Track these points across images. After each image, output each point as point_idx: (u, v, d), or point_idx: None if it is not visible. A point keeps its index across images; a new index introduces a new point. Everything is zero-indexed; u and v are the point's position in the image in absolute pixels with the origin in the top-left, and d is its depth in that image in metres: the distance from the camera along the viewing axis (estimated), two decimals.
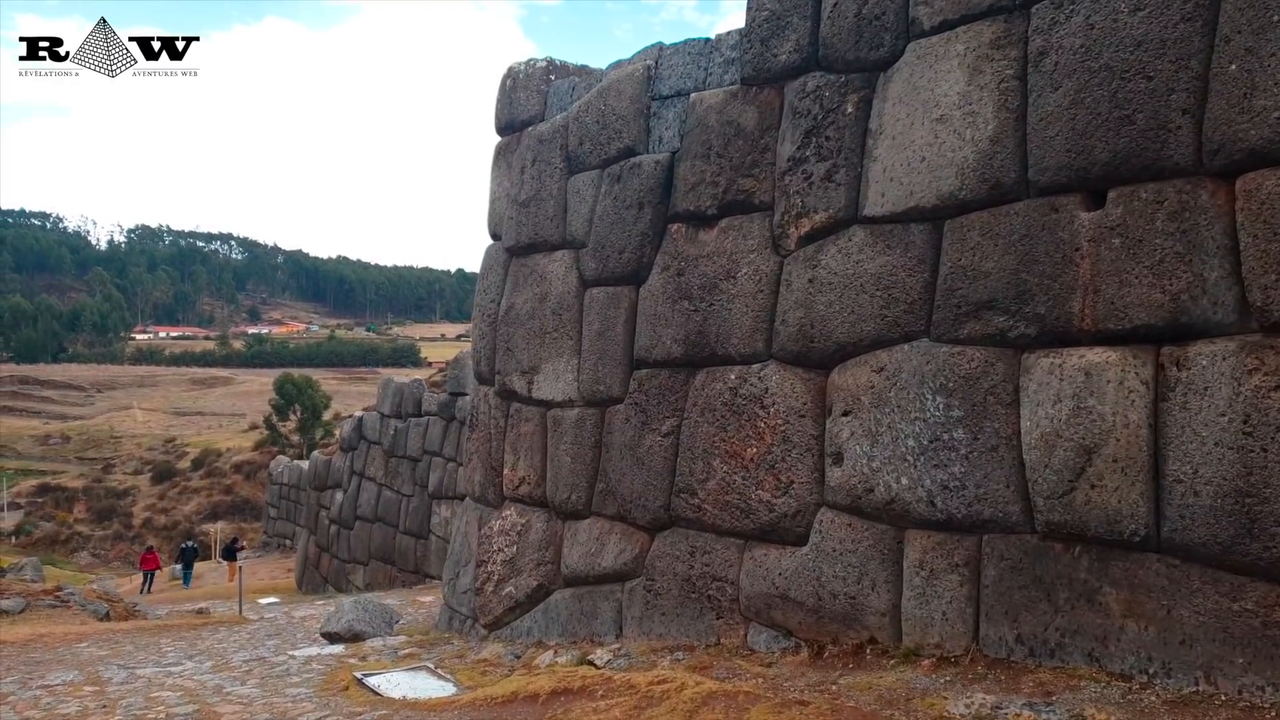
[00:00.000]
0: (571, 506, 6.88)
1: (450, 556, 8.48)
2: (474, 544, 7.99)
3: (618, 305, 6.65)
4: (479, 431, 8.12)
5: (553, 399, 7.15)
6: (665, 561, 6.04)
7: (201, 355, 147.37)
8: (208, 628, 10.73)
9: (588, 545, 6.67)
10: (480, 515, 8.01)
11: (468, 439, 8.41)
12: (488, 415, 7.96)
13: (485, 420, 8.00)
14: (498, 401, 7.85)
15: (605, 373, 6.66)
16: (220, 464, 79.11)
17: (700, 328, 5.98)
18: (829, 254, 5.32)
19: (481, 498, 8.02)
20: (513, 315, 7.62)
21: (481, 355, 8.12)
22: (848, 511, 5.07)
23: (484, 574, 7.66)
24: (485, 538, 7.75)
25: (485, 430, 7.99)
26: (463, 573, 8.10)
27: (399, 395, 23.22)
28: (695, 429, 5.93)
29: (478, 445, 8.12)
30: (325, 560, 25.05)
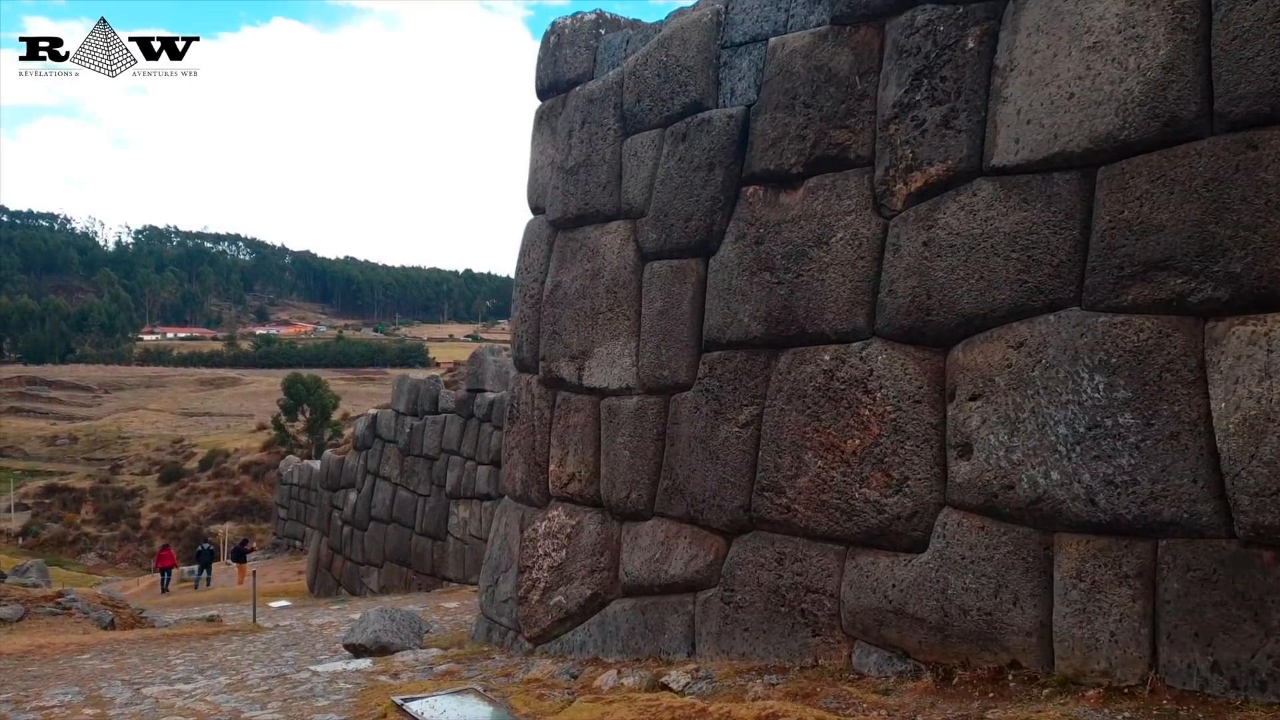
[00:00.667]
0: (631, 506, 6.12)
1: (487, 561, 7.72)
2: (515, 547, 7.24)
3: (683, 280, 5.89)
4: (520, 424, 7.37)
5: (607, 386, 6.40)
6: (747, 570, 5.27)
7: (209, 356, 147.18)
8: (219, 637, 10.00)
9: (651, 550, 5.91)
10: (522, 516, 7.26)
11: (506, 432, 7.66)
12: (530, 406, 7.21)
13: (527, 411, 7.25)
14: (542, 391, 7.09)
15: (669, 356, 5.91)
16: (228, 465, 78.71)
17: (785, 302, 5.22)
18: (948, 212, 4.55)
19: (523, 497, 7.27)
20: (559, 295, 6.87)
21: (523, 340, 7.36)
22: (980, 512, 4.31)
23: (528, 581, 6.90)
24: (529, 541, 6.99)
25: (527, 422, 7.23)
26: (502, 579, 7.34)
27: (414, 392, 22.49)
28: (781, 418, 5.17)
29: (518, 439, 7.36)
30: (338, 562, 24.33)
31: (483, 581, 7.74)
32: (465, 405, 20.80)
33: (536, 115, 7.52)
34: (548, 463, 6.98)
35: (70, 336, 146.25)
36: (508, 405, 7.65)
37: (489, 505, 19.87)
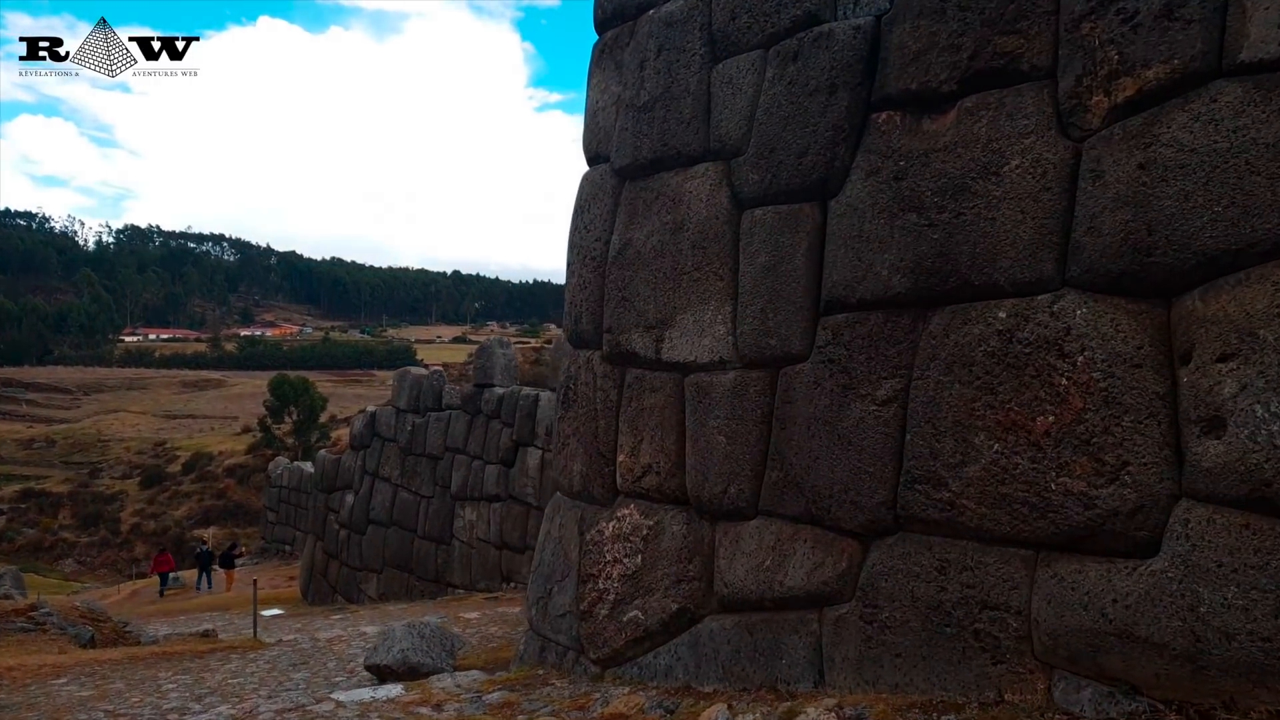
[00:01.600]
0: (729, 503, 5.09)
1: (537, 570, 6.67)
2: (573, 553, 6.20)
3: (795, 229, 4.88)
4: (578, 408, 6.33)
5: (694, 360, 5.37)
6: (895, 580, 4.25)
7: (193, 357, 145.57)
8: (216, 655, 8.91)
9: (758, 557, 4.89)
10: (581, 516, 6.22)
11: (558, 419, 6.62)
12: (591, 387, 6.17)
13: (587, 393, 6.21)
14: (607, 369, 6.06)
15: (777, 322, 4.89)
16: (212, 468, 77.42)
17: (940, 248, 4.21)
18: (1175, 125, 3.55)
19: (582, 493, 6.23)
20: (630, 255, 5.84)
21: (581, 311, 6.33)
22: (1241, 506, 3.30)
23: (592, 593, 5.87)
24: (593, 545, 5.95)
25: (587, 406, 6.20)
26: (557, 590, 6.30)
27: (417, 388, 21.39)
28: (937, 393, 4.15)
29: (576, 426, 6.33)
30: (334, 567, 23.19)
31: (531, 592, 6.69)
32: (472, 401, 19.72)
33: (595, 50, 6.49)
34: (614, 453, 5.95)
35: (49, 338, 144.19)
36: (560, 387, 6.61)
37: (498, 507, 18.79)
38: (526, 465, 18.14)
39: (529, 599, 6.74)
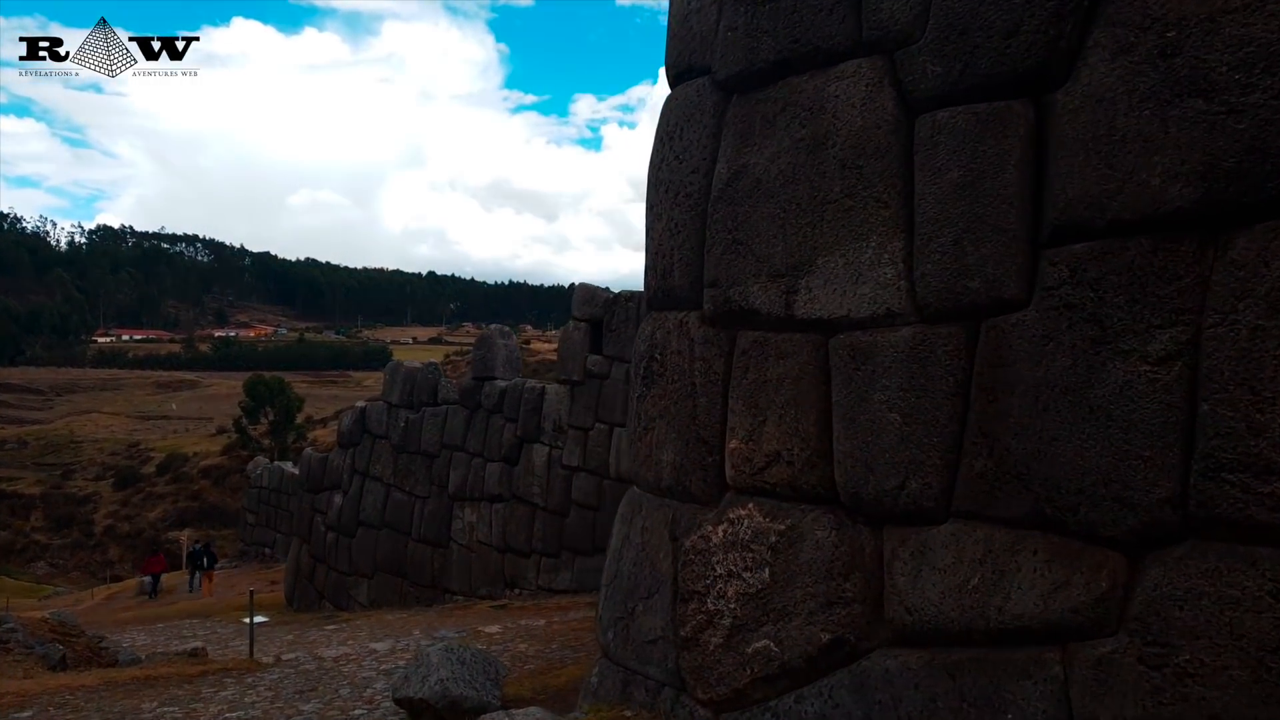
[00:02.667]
0: (907, 502, 3.85)
1: (612, 583, 5.40)
2: (663, 563, 4.94)
3: (1002, 132, 3.64)
4: (666, 384, 5.07)
5: (845, 315, 4.12)
6: (1199, 609, 3.01)
7: (166, 358, 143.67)
8: (208, 679, 7.59)
9: (957, 573, 3.64)
10: (673, 516, 4.96)
11: (636, 398, 5.36)
12: (687, 356, 4.91)
13: (681, 365, 4.95)
14: (709, 333, 4.80)
15: (980, 256, 3.65)
16: (187, 469, 75.92)
17: (1250, 143, 2.99)
18: None
19: (675, 489, 4.97)
20: (744, 186, 4.58)
21: (672, 263, 5.07)
22: None
23: (697, 615, 4.61)
24: (695, 554, 4.69)
25: (681, 381, 4.94)
26: (643, 610, 5.03)
27: (410, 382, 20.05)
28: (1254, 344, 2.93)
29: (664, 406, 5.06)
30: (321, 572, 21.80)
31: (605, 611, 5.42)
32: (471, 395, 18.40)
33: None
34: (721, 438, 4.69)
35: (20, 338, 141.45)
36: (640, 359, 5.35)
37: (500, 508, 17.48)
38: (532, 463, 16.86)
39: (601, 619, 5.47)
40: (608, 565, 5.55)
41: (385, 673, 7.64)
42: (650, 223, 5.33)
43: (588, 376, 16.06)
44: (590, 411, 15.90)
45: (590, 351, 16.15)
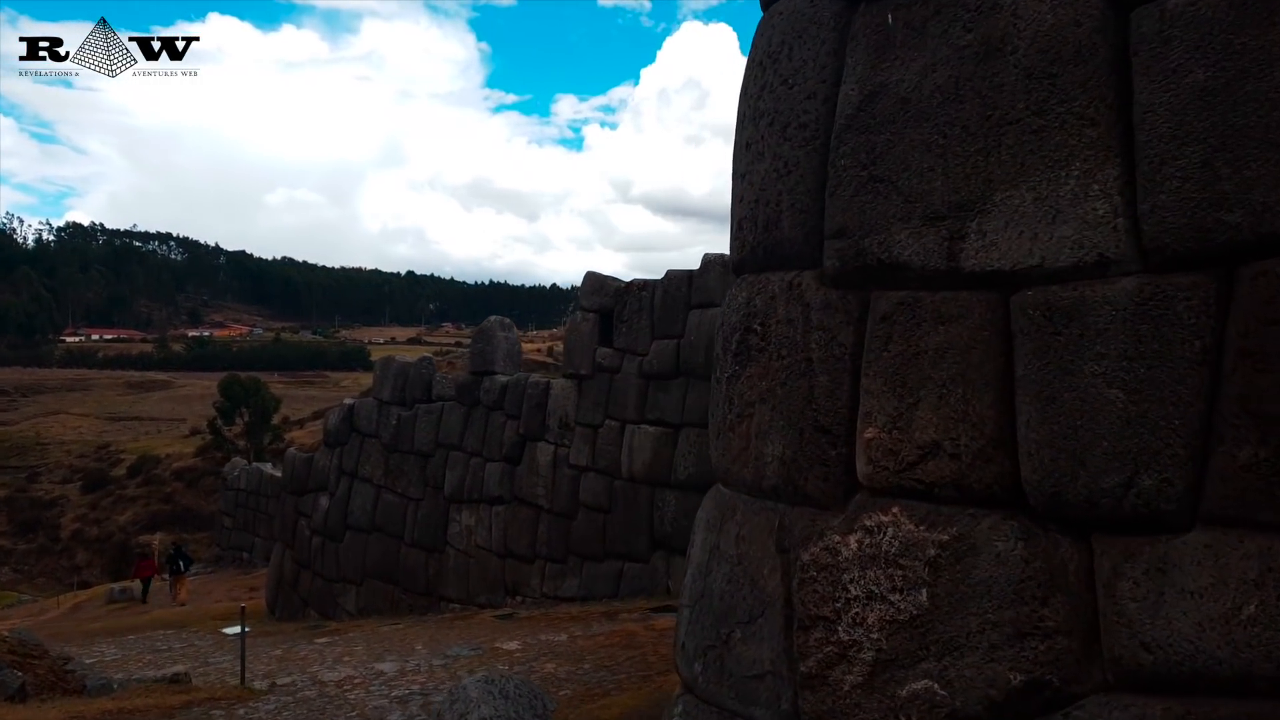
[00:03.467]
0: (1135, 505, 2.94)
1: (699, 603, 4.47)
2: (770, 580, 4.02)
3: (1270, 18, 2.75)
4: (769, 361, 4.15)
5: (1037, 264, 3.23)
6: None
7: (138, 358, 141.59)
8: (192, 711, 6.60)
9: (1218, 597, 2.75)
10: (780, 523, 4.04)
11: (726, 379, 4.43)
12: (800, 325, 4.00)
13: (792, 336, 4.03)
14: (832, 295, 3.89)
15: (1238, 181, 2.77)
16: (159, 471, 74.45)
17: None
18: None
19: (784, 488, 4.05)
20: (885, 109, 3.67)
21: (779, 211, 4.14)
22: None
23: (825, 646, 3.69)
24: (818, 570, 3.77)
25: (793, 355, 4.02)
26: (743, 637, 4.11)
27: (402, 377, 19.03)
28: None
29: (769, 387, 4.14)
30: (305, 578, 20.74)
31: (690, 637, 4.48)
32: (469, 391, 17.42)
33: None
34: (851, 425, 3.78)
35: None
36: (730, 332, 4.42)
37: (501, 510, 16.51)
38: (536, 462, 15.91)
39: (683, 647, 4.54)
40: (689, 582, 4.62)
41: (399, 700, 6.69)
42: (745, 165, 4.41)
43: (597, 370, 15.14)
44: (600, 407, 14.98)
45: (599, 344, 15.23)
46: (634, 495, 14.25)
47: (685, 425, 13.72)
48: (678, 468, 13.70)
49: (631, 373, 14.58)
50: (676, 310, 14.07)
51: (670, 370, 14.00)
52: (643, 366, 14.40)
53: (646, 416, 14.26)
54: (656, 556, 13.92)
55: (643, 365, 14.40)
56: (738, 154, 4.51)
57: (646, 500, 14.07)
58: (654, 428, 14.12)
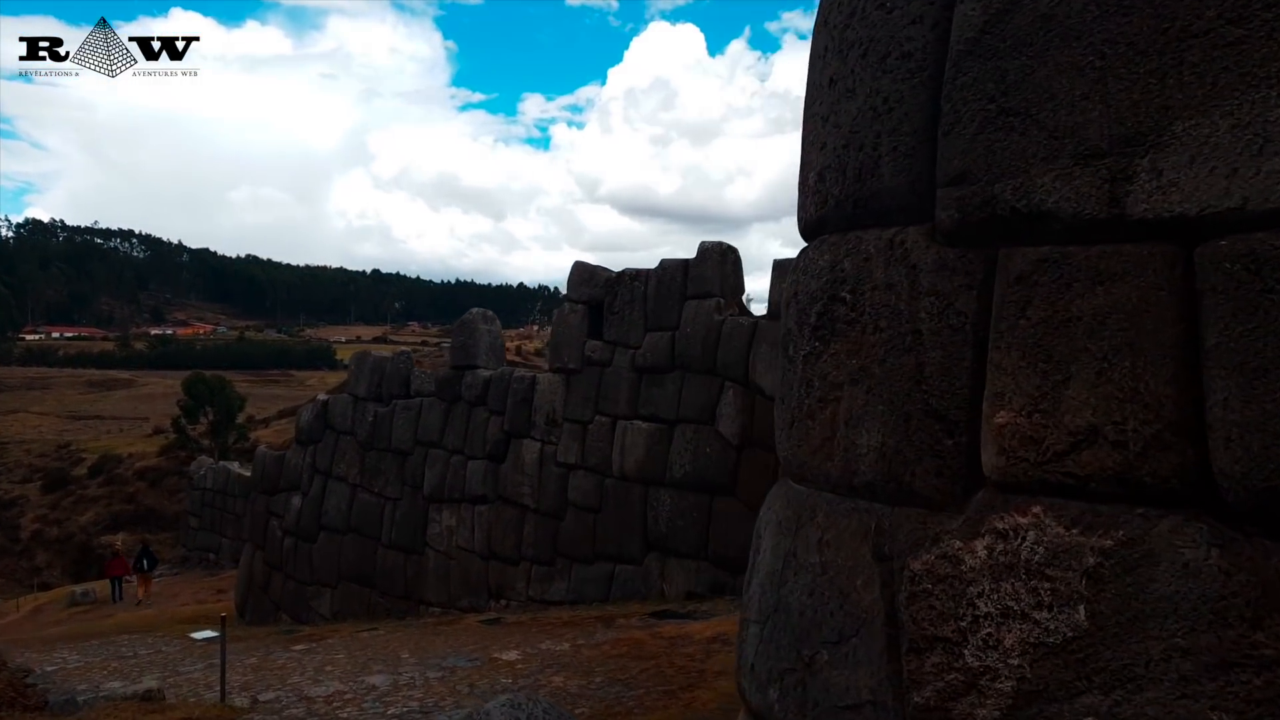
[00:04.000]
0: None
1: (770, 618, 3.84)
2: (866, 593, 3.40)
3: None
4: (863, 334, 3.53)
5: (1233, 208, 2.63)
6: None
7: (99, 356, 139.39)
8: None
9: None
10: (876, 526, 3.42)
11: (805, 359, 3.80)
12: (905, 290, 3.38)
13: (893, 304, 3.42)
14: (948, 254, 3.27)
15: None
16: (121, 470, 73.07)
17: None
18: None
19: (884, 484, 3.43)
20: (1018, 28, 3.06)
21: (879, 153, 3.52)
22: None
23: (946, 674, 3.07)
24: (934, 581, 3.16)
25: (894, 326, 3.40)
26: (832, 660, 3.48)
27: (379, 372, 18.26)
28: None
29: (862, 365, 3.52)
30: (277, 581, 19.91)
31: (759, 659, 3.85)
32: (449, 386, 16.70)
33: None
34: (971, 409, 3.18)
35: None
36: (809, 303, 3.79)
37: (484, 510, 15.80)
38: (522, 460, 15.23)
39: (751, 669, 3.90)
40: (757, 594, 3.99)
41: None
42: (827, 106, 3.78)
43: (586, 364, 14.48)
44: (589, 403, 14.32)
45: (589, 336, 14.58)
46: (626, 494, 13.61)
47: (680, 421, 13.10)
48: (672, 466, 13.08)
49: (623, 366, 13.94)
50: (671, 301, 13.45)
51: (665, 364, 13.37)
52: (635, 360, 13.77)
53: (639, 412, 13.63)
54: (650, 558, 13.28)
55: (635, 358, 13.77)
56: (815, 94, 3.88)
57: (639, 499, 13.44)
58: (647, 424, 13.49)
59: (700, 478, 12.71)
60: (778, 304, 12.26)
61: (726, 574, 12.31)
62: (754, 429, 12.20)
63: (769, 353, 12.11)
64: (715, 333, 12.79)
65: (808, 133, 3.94)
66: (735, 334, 12.58)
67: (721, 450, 12.51)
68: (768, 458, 12.07)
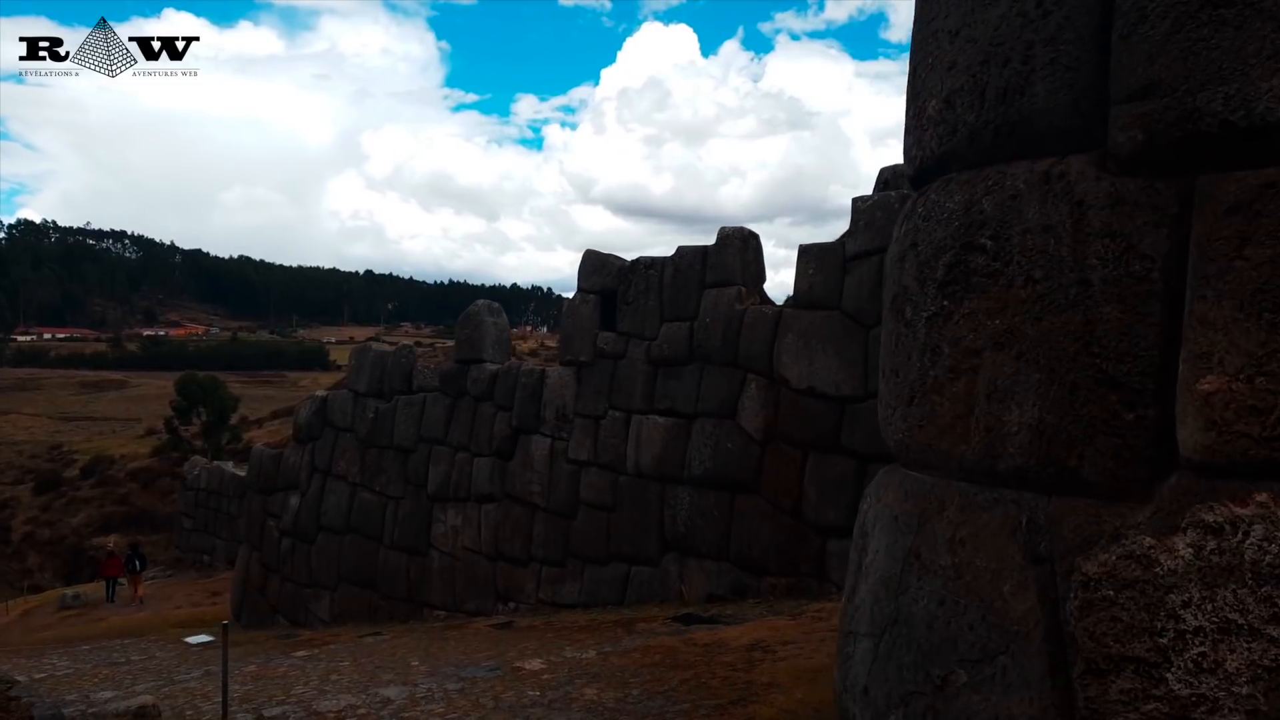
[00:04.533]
0: None
1: (887, 630, 3.23)
2: (1013, 602, 2.79)
3: None
4: (1008, 287, 2.92)
5: None
6: None
7: (92, 357, 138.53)
8: None
9: None
10: (1029, 520, 2.82)
11: (930, 320, 3.19)
12: (1067, 233, 2.78)
13: (1050, 249, 2.81)
14: (1126, 187, 2.67)
15: None
16: (114, 472, 72.31)
17: None
18: None
19: (1039, 470, 2.82)
20: None
21: (1032, 66, 2.91)
22: None
23: (1141, 702, 2.47)
24: (1117, 585, 2.55)
25: (1052, 277, 2.80)
26: (973, 681, 2.87)
27: (380, 367, 17.62)
28: None
29: (1008, 325, 2.91)
30: (274, 583, 19.26)
31: (876, 681, 3.24)
32: (454, 381, 16.06)
33: None
34: (1166, 373, 2.57)
35: None
36: (936, 252, 3.18)
37: (491, 509, 15.16)
38: (531, 457, 14.60)
39: (866, 692, 3.29)
40: (869, 602, 3.37)
41: None
42: (959, 19, 3.16)
43: (598, 357, 13.86)
44: (602, 396, 13.70)
45: (601, 328, 13.95)
46: (642, 492, 13.00)
47: (700, 415, 12.48)
48: (691, 462, 12.46)
49: (638, 358, 13.32)
50: (689, 289, 12.83)
51: (683, 355, 12.76)
52: (651, 351, 13.15)
53: (656, 406, 13.01)
54: (668, 559, 12.67)
55: (651, 350, 13.15)
56: (936, 6, 3.27)
57: (656, 497, 12.82)
58: (664, 418, 12.87)
59: (721, 474, 12.10)
60: (804, 291, 11.65)
61: (750, 575, 11.70)
62: (779, 423, 11.59)
63: (796, 342, 11.51)
64: (737, 322, 12.18)
65: (925, 55, 3.34)
66: (759, 323, 11.97)
67: (744, 445, 11.90)
68: (793, 453, 11.47)
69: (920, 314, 3.24)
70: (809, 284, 11.49)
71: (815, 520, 11.13)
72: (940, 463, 3.17)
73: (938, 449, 3.16)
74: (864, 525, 3.55)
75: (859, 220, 11.25)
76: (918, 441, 3.25)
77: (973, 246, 3.04)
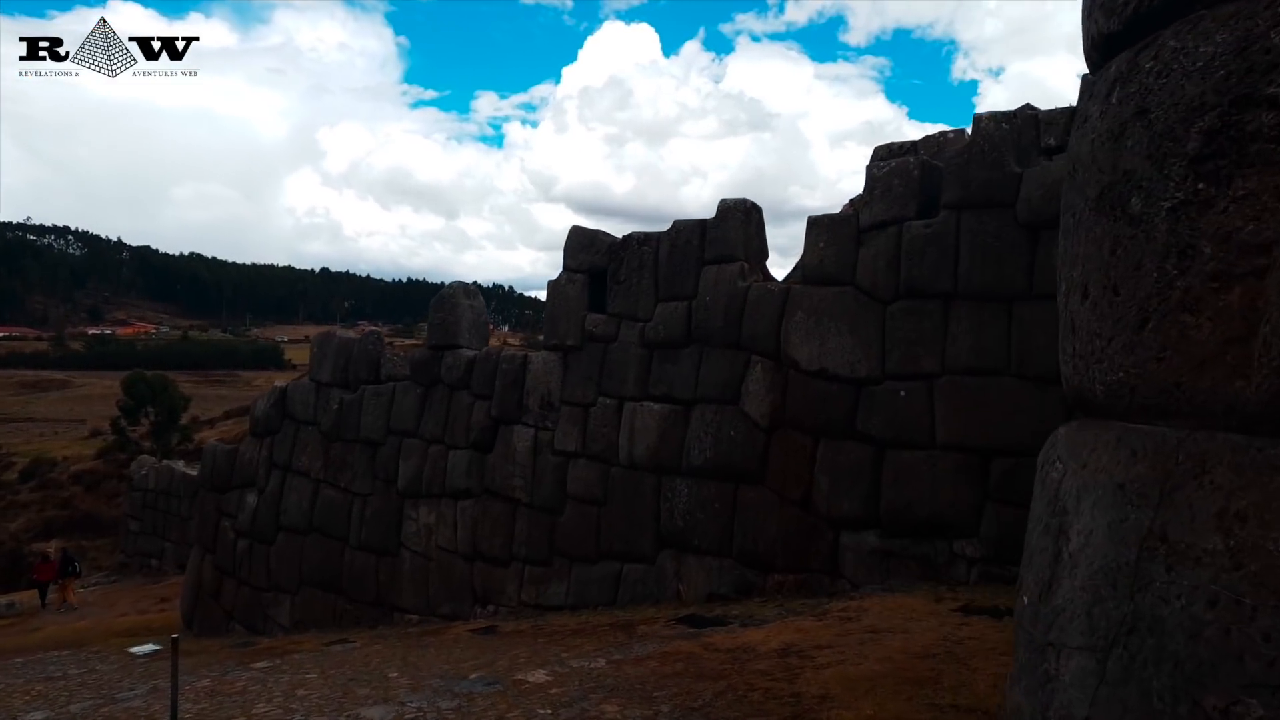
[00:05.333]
0: None
1: (1126, 642, 2.32)
2: None
3: None
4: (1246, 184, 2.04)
5: None
6: None
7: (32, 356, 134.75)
8: None
9: None
10: None
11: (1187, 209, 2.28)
12: None
13: None
14: None
15: None
16: (56, 475, 69.92)
17: None
18: None
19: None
20: None
21: None
22: None
23: None
24: None
25: None
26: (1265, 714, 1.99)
27: (344, 355, 16.51)
28: None
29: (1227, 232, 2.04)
30: (230, 587, 18.05)
31: (1101, 713, 2.35)
32: (427, 368, 15.02)
33: None
34: None
35: None
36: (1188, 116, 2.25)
37: (468, 505, 14.14)
38: (512, 449, 13.61)
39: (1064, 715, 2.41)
40: (1077, 602, 2.48)
41: None
42: None
43: (587, 340, 12.92)
44: (591, 383, 12.76)
45: (589, 309, 13.01)
46: (636, 485, 12.09)
47: (699, 401, 11.60)
48: (690, 451, 11.58)
49: (631, 341, 12.41)
50: (687, 267, 11.95)
51: (680, 337, 11.87)
52: (645, 334, 12.24)
53: (650, 392, 12.11)
54: (664, 556, 11.77)
55: (645, 332, 12.25)
56: None
57: (651, 490, 11.92)
58: (660, 405, 11.97)
59: (723, 464, 11.22)
60: (814, 266, 10.81)
61: (755, 573, 10.84)
62: (787, 408, 10.74)
63: (805, 321, 10.67)
64: (740, 300, 11.31)
65: None
66: (764, 301, 11.11)
67: (748, 432, 11.03)
68: (803, 440, 10.62)
69: (1158, 204, 2.36)
70: (819, 258, 10.66)
71: (827, 512, 10.29)
72: (1197, 408, 2.29)
73: (1192, 388, 2.29)
74: (1058, 499, 2.67)
75: (874, 188, 10.43)
76: (1156, 380, 2.38)
77: (1252, 100, 2.16)
